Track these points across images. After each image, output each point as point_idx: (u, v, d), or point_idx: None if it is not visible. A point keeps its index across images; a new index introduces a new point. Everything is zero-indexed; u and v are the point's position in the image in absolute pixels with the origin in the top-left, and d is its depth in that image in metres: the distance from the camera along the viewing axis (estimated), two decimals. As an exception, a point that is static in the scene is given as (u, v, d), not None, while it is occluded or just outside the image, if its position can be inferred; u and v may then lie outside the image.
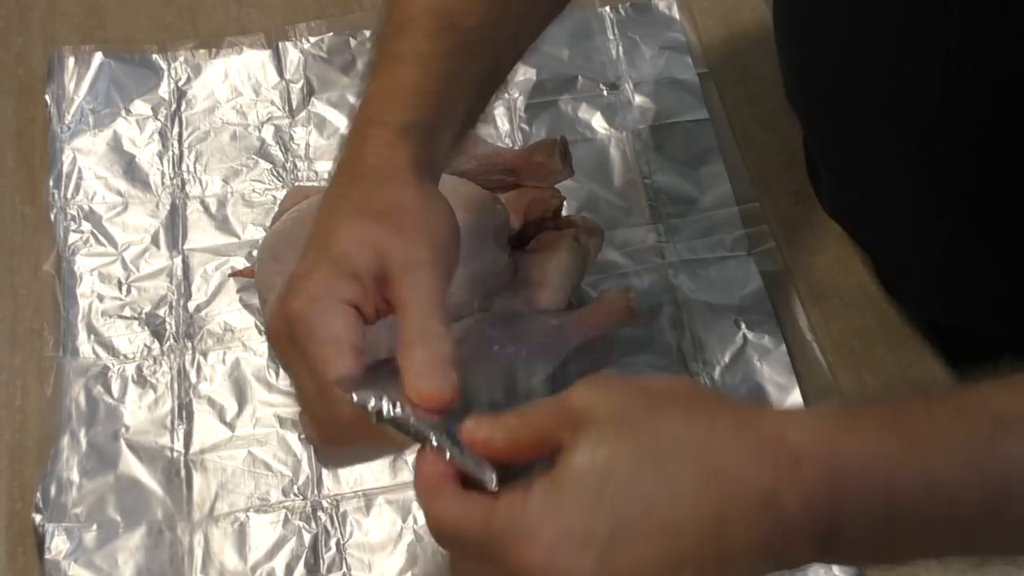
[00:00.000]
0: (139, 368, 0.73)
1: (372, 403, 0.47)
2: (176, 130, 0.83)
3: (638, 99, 0.86)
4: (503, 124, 0.84)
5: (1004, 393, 0.39)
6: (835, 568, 0.67)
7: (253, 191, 0.80)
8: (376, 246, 0.49)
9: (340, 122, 0.83)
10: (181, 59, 0.86)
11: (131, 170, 0.81)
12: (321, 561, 0.67)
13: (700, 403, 0.43)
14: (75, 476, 0.68)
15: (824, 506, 0.39)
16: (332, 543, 0.67)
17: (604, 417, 0.42)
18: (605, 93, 0.86)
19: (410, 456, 0.70)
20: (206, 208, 0.80)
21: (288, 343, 0.49)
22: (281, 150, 0.82)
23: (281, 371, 0.72)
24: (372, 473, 0.70)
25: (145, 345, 0.74)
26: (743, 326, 0.75)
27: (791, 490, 0.39)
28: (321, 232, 0.52)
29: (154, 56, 0.86)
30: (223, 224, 0.79)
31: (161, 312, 0.75)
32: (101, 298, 0.75)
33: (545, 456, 0.43)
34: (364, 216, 0.51)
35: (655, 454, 0.40)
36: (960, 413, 0.39)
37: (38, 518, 0.67)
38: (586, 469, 0.40)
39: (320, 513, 0.68)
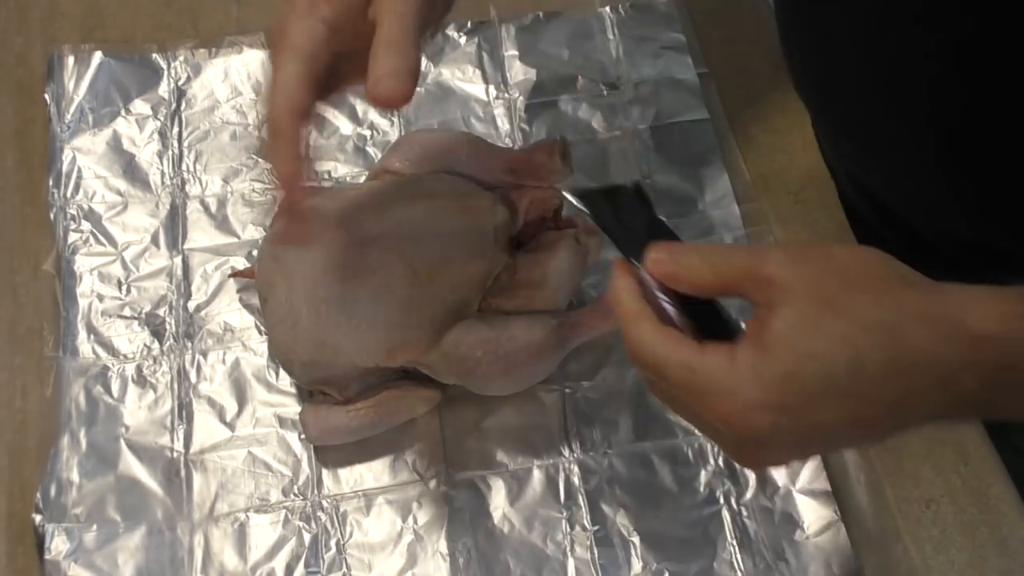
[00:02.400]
0: (139, 368, 0.73)
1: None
2: (176, 130, 0.83)
3: (638, 99, 0.86)
4: (503, 124, 0.84)
5: None
6: (834, 567, 0.67)
7: (253, 191, 0.80)
8: None
9: (340, 122, 0.83)
10: (181, 59, 0.86)
11: (131, 170, 0.81)
12: (321, 561, 0.67)
13: (891, 287, 0.46)
14: (75, 476, 0.68)
15: (997, 383, 0.45)
16: (332, 543, 0.67)
17: (803, 294, 0.46)
18: (605, 93, 0.86)
19: (409, 457, 0.71)
20: (206, 208, 0.80)
21: (271, 48, 0.57)
22: (281, 150, 0.82)
23: (281, 371, 0.72)
24: (372, 473, 0.70)
25: (145, 345, 0.74)
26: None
27: (969, 371, 0.44)
28: None
29: (154, 55, 0.86)
30: (223, 224, 0.79)
31: (161, 312, 0.75)
32: (101, 298, 0.75)
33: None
34: None
35: (849, 340, 0.44)
36: None
37: (38, 518, 0.67)
38: (788, 346, 0.45)
39: (320, 513, 0.68)
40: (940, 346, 0.44)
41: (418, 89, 0.84)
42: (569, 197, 0.55)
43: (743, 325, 0.50)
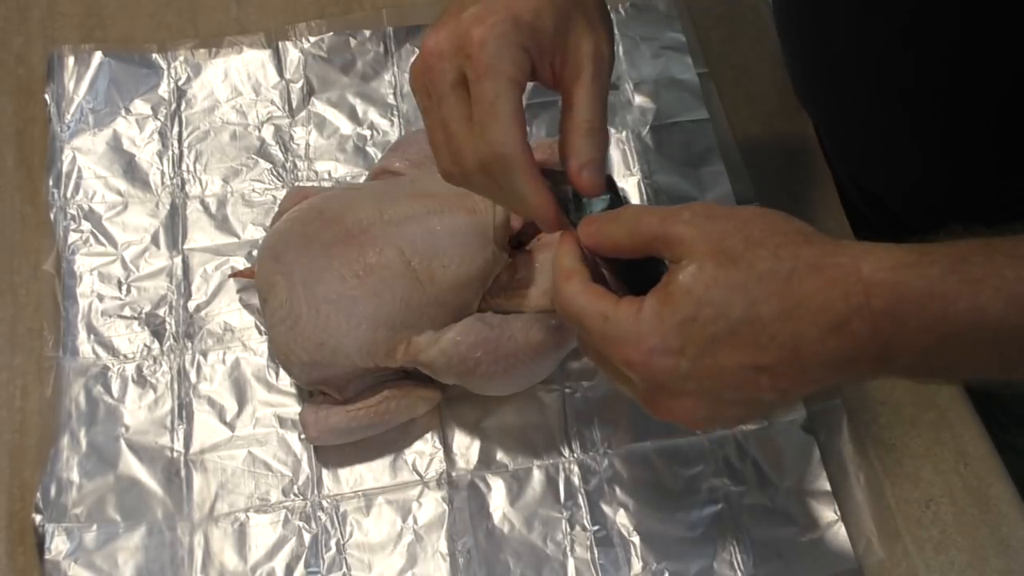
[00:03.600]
0: (139, 368, 0.73)
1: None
2: (176, 130, 0.83)
3: (638, 99, 0.86)
4: (503, 124, 0.84)
5: None
6: (834, 567, 0.67)
7: (253, 191, 0.80)
8: (567, 20, 0.55)
9: (340, 122, 0.84)
10: (181, 58, 0.86)
11: (131, 170, 0.81)
12: (321, 561, 0.67)
13: (789, 241, 0.49)
14: (75, 476, 0.68)
15: (887, 331, 0.47)
16: (332, 543, 0.67)
17: (705, 250, 0.49)
18: (605, 93, 0.86)
19: (409, 457, 0.71)
20: (206, 208, 0.80)
21: (453, 71, 0.53)
22: (281, 150, 0.82)
23: (281, 371, 0.72)
24: (372, 473, 0.70)
25: (145, 345, 0.74)
26: None
27: (860, 318, 0.47)
28: None
29: (154, 55, 0.86)
30: (223, 224, 0.79)
31: (161, 312, 0.75)
32: (101, 298, 0.75)
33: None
34: None
35: (745, 288, 0.48)
36: (1012, 259, 0.46)
37: (38, 518, 0.67)
38: (687, 294, 0.49)
39: (320, 513, 0.68)
40: (830, 291, 0.47)
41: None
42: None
43: None
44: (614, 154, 0.83)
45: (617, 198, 0.56)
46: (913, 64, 0.64)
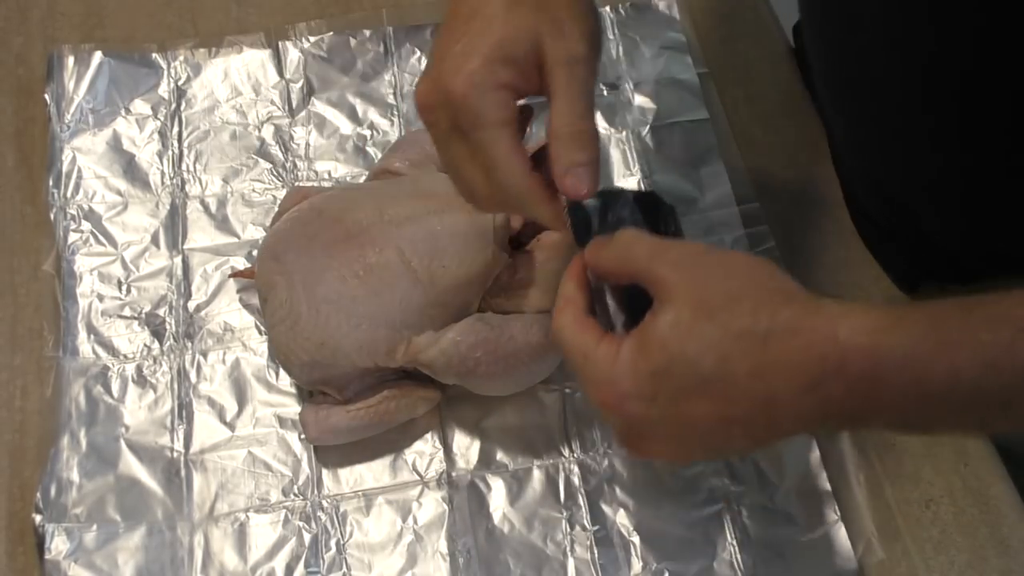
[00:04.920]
0: (139, 368, 0.73)
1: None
2: (176, 129, 0.83)
3: (638, 99, 0.86)
4: (503, 124, 0.84)
5: None
6: (834, 567, 0.67)
7: (253, 191, 0.80)
8: (536, 35, 0.55)
9: (340, 122, 0.83)
10: (181, 58, 0.86)
11: (131, 169, 0.81)
12: (321, 561, 0.67)
13: (770, 299, 0.49)
14: (75, 476, 0.68)
15: (863, 393, 0.47)
16: (332, 543, 0.68)
17: (686, 298, 0.49)
18: (605, 93, 0.86)
19: (409, 457, 0.71)
20: (206, 208, 0.80)
21: (446, 121, 0.56)
22: (281, 150, 0.82)
23: (281, 371, 0.72)
24: (372, 473, 0.70)
25: (145, 345, 0.74)
26: None
27: (836, 380, 0.47)
28: (475, 14, 0.56)
29: (154, 55, 0.86)
30: (223, 224, 0.79)
31: (161, 312, 0.75)
32: (101, 298, 0.75)
33: None
34: (521, 5, 0.56)
35: (718, 346, 0.48)
36: (989, 322, 0.45)
37: (38, 518, 0.67)
38: (661, 346, 0.49)
39: (320, 513, 0.68)
40: (806, 354, 0.47)
41: (418, 89, 0.86)
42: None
43: None
44: (614, 154, 0.83)
45: (641, 210, 0.56)
46: (935, 58, 0.64)
